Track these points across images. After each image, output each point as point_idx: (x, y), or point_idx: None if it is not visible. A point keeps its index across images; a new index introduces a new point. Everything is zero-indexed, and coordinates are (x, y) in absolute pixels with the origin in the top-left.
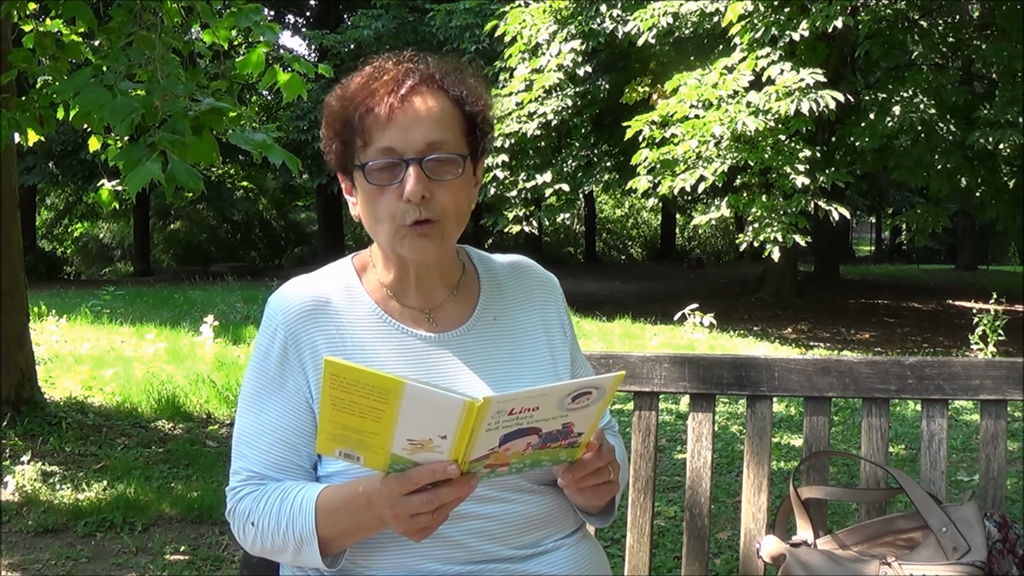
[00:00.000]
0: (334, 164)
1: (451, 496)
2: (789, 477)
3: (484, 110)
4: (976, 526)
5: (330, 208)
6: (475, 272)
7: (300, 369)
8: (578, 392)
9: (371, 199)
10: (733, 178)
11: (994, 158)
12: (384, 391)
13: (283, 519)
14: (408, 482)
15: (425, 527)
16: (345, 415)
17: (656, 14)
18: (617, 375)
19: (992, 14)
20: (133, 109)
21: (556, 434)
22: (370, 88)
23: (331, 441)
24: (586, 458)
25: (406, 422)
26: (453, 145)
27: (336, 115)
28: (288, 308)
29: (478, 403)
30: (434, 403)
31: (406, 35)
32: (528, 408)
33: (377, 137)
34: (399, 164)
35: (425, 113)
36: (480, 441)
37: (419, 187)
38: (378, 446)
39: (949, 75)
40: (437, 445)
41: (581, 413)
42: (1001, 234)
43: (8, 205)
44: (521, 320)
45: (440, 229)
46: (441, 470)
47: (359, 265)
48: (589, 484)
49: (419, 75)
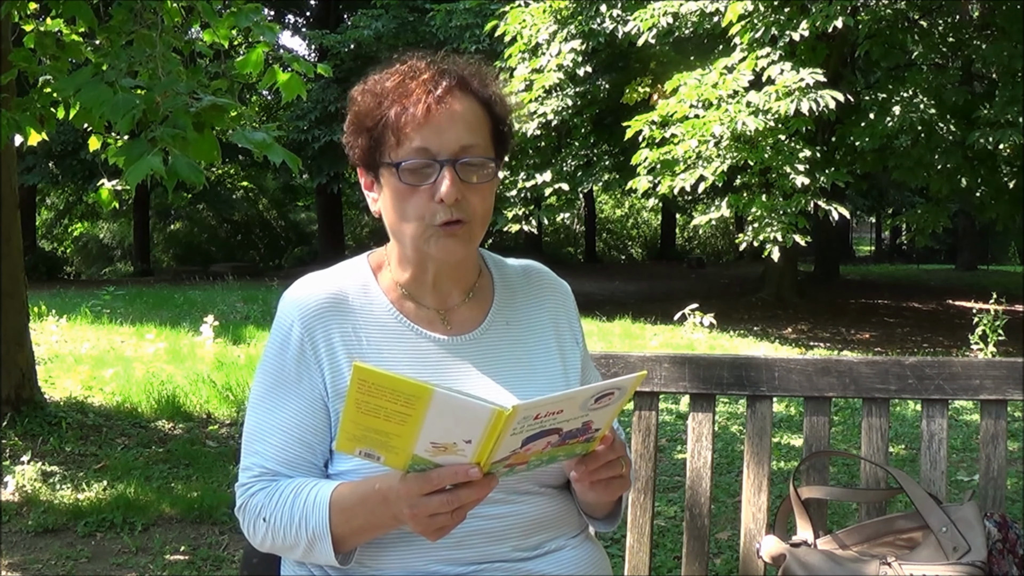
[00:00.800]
0: (358, 159)
1: (471, 497)
2: (789, 477)
3: (508, 116)
4: (976, 526)
5: (330, 208)
6: (490, 276)
7: (316, 366)
8: (602, 393)
9: (400, 197)
10: (733, 178)
11: (994, 158)
12: (412, 397)
13: (296, 515)
14: (429, 483)
15: (443, 527)
16: (370, 418)
17: (656, 14)
18: (639, 375)
19: (992, 14)
20: (134, 105)
21: (576, 432)
22: (406, 87)
23: (352, 441)
24: (599, 450)
25: (431, 427)
26: (484, 148)
27: (367, 111)
28: (305, 304)
29: (507, 412)
30: (462, 410)
31: (406, 35)
32: (553, 412)
33: (412, 137)
34: (432, 165)
35: (459, 115)
36: (504, 445)
37: (454, 189)
38: (400, 447)
39: (949, 75)
40: (461, 449)
41: (601, 412)
42: (1001, 234)
43: (8, 205)
44: (533, 326)
45: (468, 230)
46: (463, 473)
47: (374, 264)
48: (602, 477)
49: (454, 77)
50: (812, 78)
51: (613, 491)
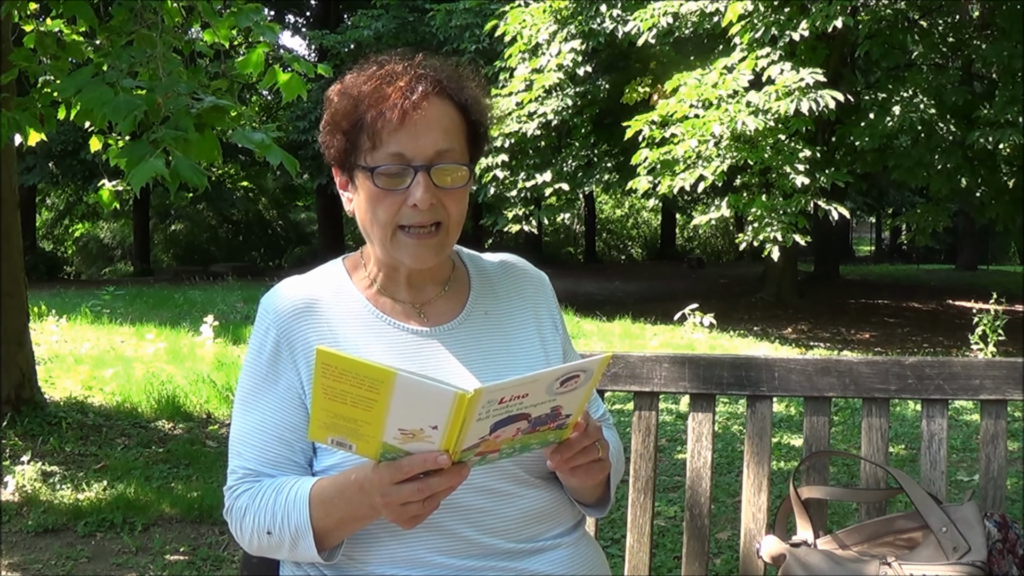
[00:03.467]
0: (333, 158)
1: (442, 486)
2: (789, 477)
3: (484, 118)
4: (976, 526)
5: (330, 208)
6: (465, 270)
7: (292, 366)
8: (566, 376)
9: (373, 201)
10: (733, 178)
11: (994, 158)
12: (375, 381)
13: (278, 513)
14: (399, 471)
15: (415, 515)
16: (337, 404)
17: (656, 14)
18: (604, 357)
19: (992, 14)
20: (136, 106)
21: (545, 418)
22: (382, 91)
23: (323, 429)
24: (573, 437)
25: (397, 412)
26: (459, 154)
27: (343, 113)
28: (280, 307)
29: (469, 395)
30: (425, 394)
31: (406, 35)
32: (518, 396)
33: (387, 141)
34: (407, 170)
35: (435, 121)
36: (471, 431)
37: (428, 195)
38: (370, 435)
39: (949, 75)
40: (428, 435)
41: (569, 396)
42: (1001, 234)
43: (8, 205)
44: (513, 315)
45: (442, 236)
46: (432, 460)
47: (350, 265)
48: (579, 463)
49: (430, 81)
50: (812, 78)
51: (594, 475)
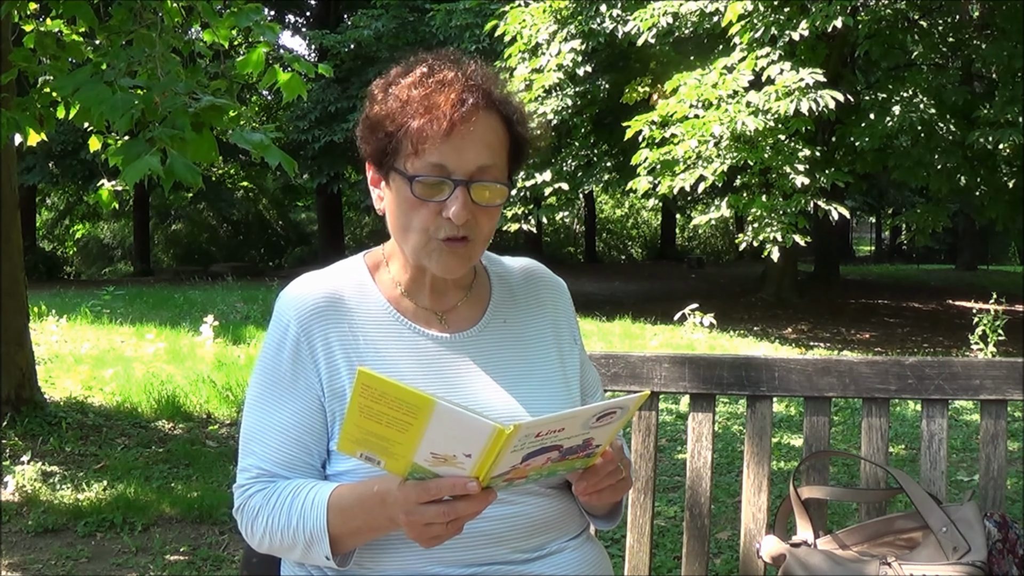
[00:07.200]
0: (369, 154)
1: (468, 511)
2: (789, 477)
3: (527, 131)
4: (976, 526)
5: (330, 208)
6: (487, 275)
7: (312, 366)
8: (604, 412)
9: (407, 207)
10: (733, 178)
11: (994, 158)
12: (414, 407)
13: (294, 516)
14: (427, 492)
15: (437, 536)
16: (372, 423)
17: (656, 14)
18: (642, 395)
19: (992, 14)
20: (133, 105)
21: (576, 448)
22: (433, 100)
23: (354, 444)
24: (599, 464)
25: (432, 437)
26: (499, 170)
27: (388, 114)
28: (301, 305)
29: (508, 430)
30: (463, 425)
31: (406, 35)
32: (554, 430)
33: (430, 151)
34: (447, 183)
35: (480, 135)
36: (504, 461)
37: (465, 212)
38: (401, 454)
39: (949, 75)
40: (461, 462)
41: (602, 430)
42: (1001, 234)
43: (8, 205)
44: (532, 324)
45: (471, 249)
46: (461, 485)
47: (371, 263)
48: (604, 486)
49: (481, 93)
50: (812, 78)
51: (616, 494)
